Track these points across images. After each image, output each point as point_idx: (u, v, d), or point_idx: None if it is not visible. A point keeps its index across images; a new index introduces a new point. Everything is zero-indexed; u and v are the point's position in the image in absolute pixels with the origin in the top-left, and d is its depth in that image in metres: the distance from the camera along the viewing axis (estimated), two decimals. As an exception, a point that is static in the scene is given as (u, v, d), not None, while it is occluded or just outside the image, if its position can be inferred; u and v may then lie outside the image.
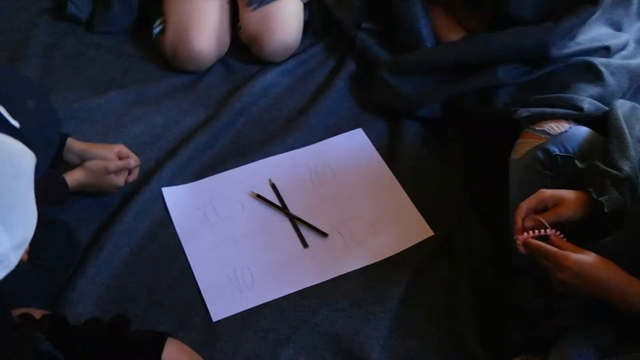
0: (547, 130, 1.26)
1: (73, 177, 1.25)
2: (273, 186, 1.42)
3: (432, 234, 1.34)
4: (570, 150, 1.22)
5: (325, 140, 1.51)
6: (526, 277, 1.20)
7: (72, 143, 1.27)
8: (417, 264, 1.30)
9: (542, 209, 1.09)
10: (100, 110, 1.53)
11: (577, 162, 1.19)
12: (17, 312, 1.04)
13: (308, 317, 1.22)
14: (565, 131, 1.25)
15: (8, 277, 1.12)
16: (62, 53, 1.67)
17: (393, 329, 1.22)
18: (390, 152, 1.49)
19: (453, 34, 1.56)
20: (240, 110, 1.54)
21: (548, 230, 1.04)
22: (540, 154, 1.22)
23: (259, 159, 1.46)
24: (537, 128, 1.28)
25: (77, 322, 1.16)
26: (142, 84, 1.61)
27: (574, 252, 0.99)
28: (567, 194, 1.10)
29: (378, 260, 1.31)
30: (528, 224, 1.07)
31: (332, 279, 1.28)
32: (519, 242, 1.05)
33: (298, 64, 1.67)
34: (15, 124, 0.72)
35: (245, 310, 1.23)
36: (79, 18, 1.72)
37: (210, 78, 1.64)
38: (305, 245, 1.33)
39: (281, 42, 1.61)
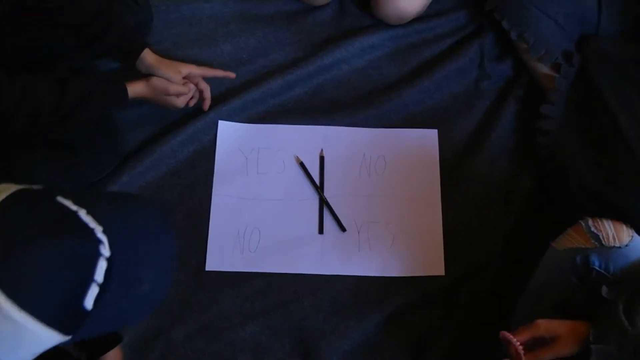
0: (600, 238, 1.13)
1: (135, 89, 1.29)
2: (321, 159, 1.40)
3: (443, 274, 1.30)
4: (612, 269, 1.10)
5: (395, 129, 1.44)
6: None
7: (146, 55, 1.30)
8: (413, 297, 1.28)
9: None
10: (202, 14, 1.54)
11: (604, 287, 1.08)
12: None
13: (289, 302, 1.27)
14: (619, 247, 1.12)
15: (42, 166, 1.25)
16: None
17: (356, 347, 1.24)
18: (453, 166, 1.41)
19: None
20: (328, 65, 1.49)
21: None
22: (578, 260, 1.12)
23: (322, 124, 1.43)
24: (592, 228, 1.14)
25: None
26: (253, -4, 1.58)
27: None
28: (563, 330, 1.02)
29: (379, 275, 1.30)
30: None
31: (329, 275, 1.30)
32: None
33: (413, 32, 1.55)
34: (88, 306, 0.63)
35: (237, 272, 1.29)
36: None
37: (320, 14, 1.56)
38: (321, 231, 1.34)
39: (401, 8, 1.48)
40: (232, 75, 1.41)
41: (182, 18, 1.52)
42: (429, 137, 1.43)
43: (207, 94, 1.39)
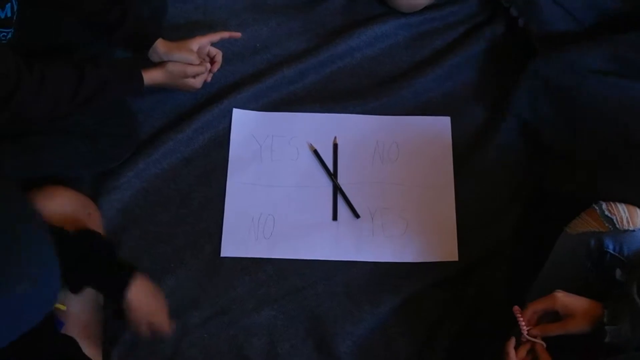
0: (615, 221, 1.13)
1: (151, 76, 1.31)
2: (335, 146, 1.41)
3: (456, 259, 1.31)
4: (626, 252, 1.11)
5: (407, 117, 1.45)
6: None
7: (158, 45, 1.31)
8: (428, 282, 1.29)
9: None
10: (215, 4, 1.55)
11: (618, 270, 1.09)
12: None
13: (302, 288, 1.29)
14: (633, 231, 1.12)
15: (59, 152, 1.27)
16: None
17: (370, 332, 1.25)
18: (466, 153, 1.41)
19: None
20: (341, 53, 1.50)
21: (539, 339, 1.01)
22: (593, 243, 1.12)
23: (336, 112, 1.44)
24: (606, 212, 1.15)
25: (111, 211, 1.31)
26: (266, -15, 1.59)
27: None
28: (580, 307, 1.03)
29: (393, 261, 1.31)
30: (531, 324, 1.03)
31: (343, 261, 1.31)
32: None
33: (425, 21, 1.56)
34: None
35: (252, 257, 1.31)
36: None
37: (332, 3, 1.57)
38: (335, 218, 1.35)
39: (412, -3, 1.49)
40: (237, 35, 1.43)
41: (196, 8, 1.54)
42: (442, 124, 1.44)
43: (219, 58, 1.39)
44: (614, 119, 1.36)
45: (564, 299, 1.04)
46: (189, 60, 1.34)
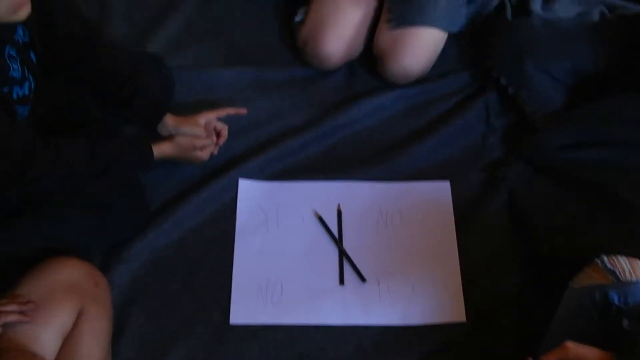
0: (617, 274, 1.16)
1: (161, 149, 1.36)
2: (339, 212, 1.45)
3: (464, 320, 1.32)
4: (631, 304, 1.12)
5: (408, 182, 1.49)
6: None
7: (167, 119, 1.37)
8: (436, 345, 1.29)
9: None
10: (221, 81, 1.63)
11: (625, 320, 1.10)
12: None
13: (313, 353, 1.28)
14: (636, 282, 1.15)
15: (74, 226, 1.30)
16: (212, 12, 1.77)
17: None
18: (467, 215, 1.45)
19: None
20: (342, 124, 1.56)
21: None
22: (597, 296, 1.14)
23: (338, 179, 1.49)
24: (608, 265, 1.18)
25: (121, 281, 1.32)
26: (268, 64, 1.67)
27: None
28: (592, 356, 1.03)
29: (401, 324, 1.32)
30: None
31: (352, 325, 1.32)
32: None
33: (420, 92, 1.63)
34: None
35: (261, 324, 1.31)
36: (240, -19, 1.80)
37: (331, 79, 1.66)
38: (341, 282, 1.37)
39: (404, 68, 1.58)
40: (243, 111, 1.50)
41: (202, 84, 1.61)
42: (442, 189, 1.48)
43: (225, 132, 1.46)
44: (602, 184, 1.42)
45: (576, 349, 1.04)
46: (196, 134, 1.40)
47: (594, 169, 1.43)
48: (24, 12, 1.05)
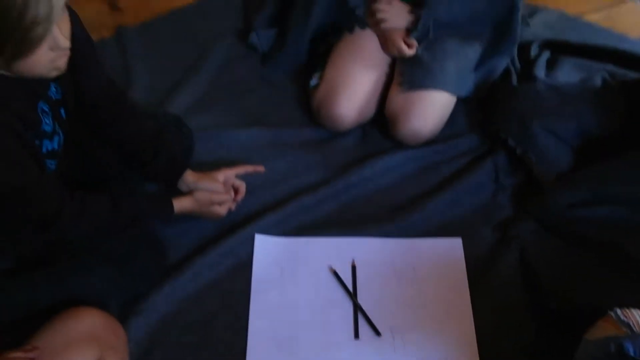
0: (631, 326, 1.17)
1: (181, 204, 1.40)
2: (353, 268, 1.47)
3: (480, 377, 1.32)
4: (646, 355, 1.13)
5: (421, 239, 1.52)
6: None
7: (187, 175, 1.42)
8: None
9: None
10: (238, 141, 1.69)
11: (641, 373, 1.11)
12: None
13: (328, 407, 1.28)
14: (651, 333, 1.16)
15: (95, 277, 1.32)
16: (231, 77, 1.85)
17: None
18: (480, 271, 1.47)
19: None
20: (356, 182, 1.61)
21: None
22: (612, 347, 1.15)
23: (353, 236, 1.52)
24: (622, 317, 1.20)
25: (138, 334, 1.33)
26: (284, 126, 1.74)
27: None
28: None
29: (416, 379, 1.32)
30: None
31: (366, 380, 1.32)
32: None
33: (431, 153, 1.69)
34: None
35: (276, 379, 1.32)
36: (257, 49, 1.90)
37: (345, 140, 1.72)
38: (356, 336, 1.37)
39: (415, 130, 1.64)
40: (261, 169, 1.54)
41: (220, 144, 1.67)
42: (454, 245, 1.51)
43: (242, 189, 1.50)
44: (609, 242, 1.46)
45: None
46: (215, 189, 1.44)
47: (601, 226, 1.46)
48: (60, 70, 1.11)
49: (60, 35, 1.03)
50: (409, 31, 1.69)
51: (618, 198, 1.49)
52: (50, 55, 1.05)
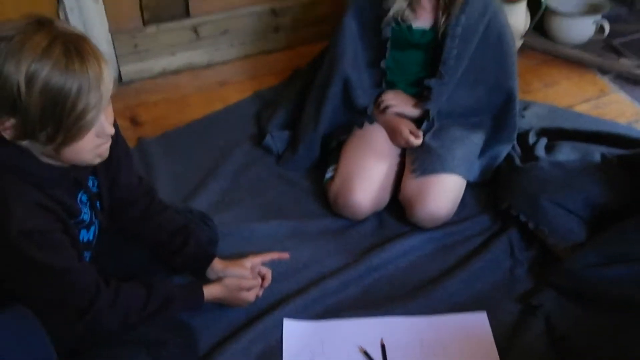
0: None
1: (211, 291, 1.44)
2: (382, 347, 1.48)
3: None
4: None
5: (446, 315, 1.55)
6: None
7: (215, 263, 1.47)
8: None
9: None
10: (259, 234, 1.75)
11: None
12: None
13: None
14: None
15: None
16: (249, 176, 1.94)
17: None
18: (507, 343, 1.48)
19: None
20: (376, 266, 1.66)
21: None
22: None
23: (379, 316, 1.55)
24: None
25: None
26: (302, 218, 1.81)
27: None
28: None
29: None
30: None
31: None
32: None
33: (447, 235, 1.75)
34: None
35: None
36: (272, 150, 2.01)
37: (363, 227, 1.79)
38: (392, 414, 1.36)
39: (431, 213, 1.71)
40: (286, 256, 1.60)
41: (242, 238, 1.73)
42: (480, 319, 1.53)
43: (269, 276, 1.55)
44: (627, 298, 1.49)
45: None
46: (243, 275, 1.48)
47: (619, 285, 1.49)
48: (103, 157, 1.19)
49: (106, 122, 1.13)
50: (414, 121, 1.81)
51: (629, 257, 1.53)
52: (96, 142, 1.14)
